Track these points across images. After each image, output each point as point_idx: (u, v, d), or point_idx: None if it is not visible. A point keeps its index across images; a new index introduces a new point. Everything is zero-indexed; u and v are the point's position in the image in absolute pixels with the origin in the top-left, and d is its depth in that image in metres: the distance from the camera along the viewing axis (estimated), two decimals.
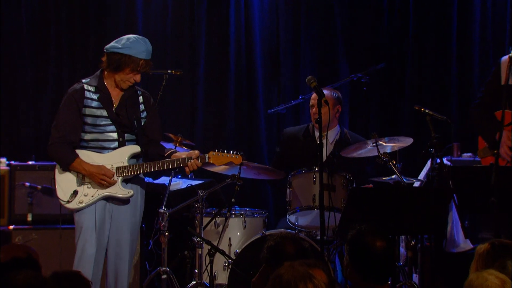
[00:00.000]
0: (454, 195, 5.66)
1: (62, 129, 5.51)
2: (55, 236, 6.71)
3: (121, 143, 5.56)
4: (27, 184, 6.89)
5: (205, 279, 6.11)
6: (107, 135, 5.54)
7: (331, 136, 6.72)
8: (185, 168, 5.54)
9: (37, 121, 7.79)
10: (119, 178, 5.51)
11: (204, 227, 6.18)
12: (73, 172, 5.52)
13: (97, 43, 6.26)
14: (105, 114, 5.52)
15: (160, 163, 5.50)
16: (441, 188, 5.91)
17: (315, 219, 6.09)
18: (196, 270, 6.20)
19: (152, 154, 5.63)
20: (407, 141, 6.28)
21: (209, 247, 5.91)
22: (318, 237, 5.85)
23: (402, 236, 6.48)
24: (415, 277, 6.47)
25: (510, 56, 5.69)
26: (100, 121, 5.52)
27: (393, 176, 6.13)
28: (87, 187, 5.50)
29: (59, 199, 5.53)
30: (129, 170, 5.51)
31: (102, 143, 5.54)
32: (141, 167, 5.52)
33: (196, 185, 6.79)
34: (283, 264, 3.22)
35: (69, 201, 5.49)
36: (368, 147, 6.24)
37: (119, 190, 5.51)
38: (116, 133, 5.55)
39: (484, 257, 3.96)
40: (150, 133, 5.67)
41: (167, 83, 6.66)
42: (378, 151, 6.08)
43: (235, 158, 5.66)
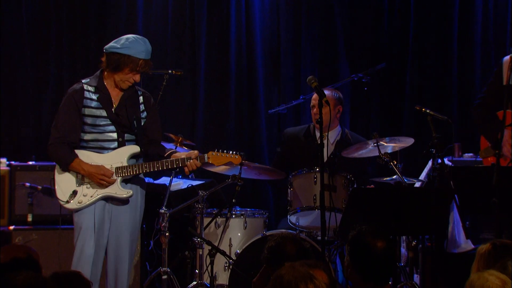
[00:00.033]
0: (455, 196, 5.65)
1: (62, 130, 5.50)
2: (56, 237, 6.70)
3: (121, 143, 5.55)
4: (28, 185, 6.88)
5: (206, 280, 6.11)
6: (107, 135, 5.53)
7: (332, 137, 6.71)
8: (184, 168, 5.53)
9: (38, 121, 7.79)
10: (119, 178, 5.49)
11: (205, 228, 6.18)
12: (72, 172, 5.51)
13: (98, 43, 6.25)
14: (105, 114, 5.51)
15: (160, 163, 5.49)
16: (442, 189, 5.90)
17: (316, 220, 6.08)
18: (197, 271, 6.20)
19: (152, 154, 5.62)
20: (408, 141, 6.27)
21: (210, 248, 5.91)
22: (319, 238, 5.84)
23: (403, 237, 6.47)
24: (416, 278, 6.46)
25: None
26: (100, 121, 5.51)
27: (394, 177, 6.11)
28: (86, 187, 5.49)
29: (58, 199, 5.52)
30: (128, 170, 5.50)
31: (102, 143, 5.53)
32: (140, 167, 5.51)
33: (197, 186, 6.78)
34: (284, 265, 3.22)
35: (68, 201, 5.48)
36: (369, 147, 6.23)
37: (118, 190, 5.50)
38: (116, 133, 5.54)
39: (486, 258, 3.96)
40: (150, 133, 5.66)
41: (168, 83, 6.67)
42: (379, 151, 6.08)
43: (235, 158, 5.65)
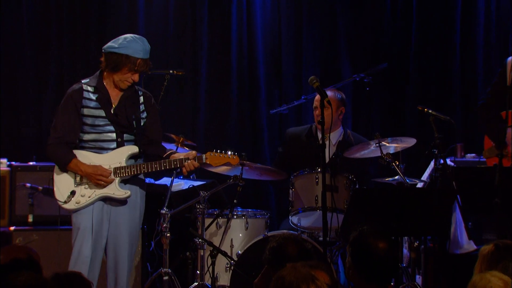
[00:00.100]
0: (458, 196, 5.64)
1: (60, 130, 5.49)
2: (56, 237, 6.69)
3: (120, 144, 5.53)
4: (28, 185, 6.87)
5: (207, 281, 6.10)
6: (106, 136, 5.52)
7: (334, 138, 6.69)
8: (182, 169, 5.50)
9: (38, 122, 7.78)
10: (117, 179, 5.47)
11: (206, 228, 6.17)
12: (71, 173, 5.50)
13: (98, 44, 6.23)
14: (103, 115, 5.50)
15: (158, 164, 5.47)
16: (445, 189, 5.90)
17: (318, 220, 6.06)
18: (198, 272, 6.19)
19: (152, 155, 5.60)
20: (410, 142, 6.25)
21: (211, 248, 5.89)
22: (321, 238, 5.84)
23: (405, 237, 6.46)
24: (418, 279, 6.45)
25: None
26: (99, 122, 5.50)
27: (396, 177, 6.10)
28: (85, 188, 5.47)
29: (57, 200, 5.51)
30: (127, 171, 5.48)
31: (101, 144, 5.51)
32: (139, 168, 5.48)
33: (198, 186, 6.76)
34: (286, 266, 3.20)
35: (66, 202, 5.47)
36: (371, 148, 6.22)
37: (116, 191, 5.48)
38: (115, 134, 5.52)
39: (488, 259, 3.94)
40: (150, 134, 5.64)
41: (169, 84, 6.67)
42: (381, 152, 6.07)
43: (232, 159, 5.62)
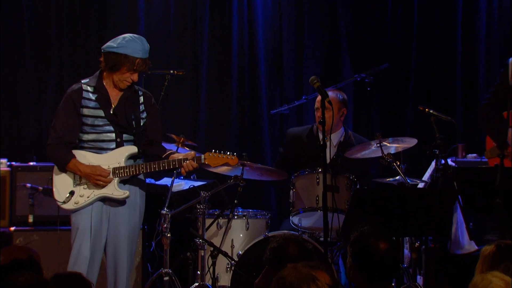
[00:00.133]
0: (459, 196, 5.63)
1: (60, 130, 5.48)
2: (56, 238, 6.68)
3: (119, 144, 5.51)
4: (28, 185, 6.87)
5: (208, 281, 6.09)
6: (105, 136, 5.50)
7: (335, 139, 6.68)
8: (181, 169, 5.49)
9: (38, 122, 7.77)
10: (116, 179, 5.46)
11: (207, 229, 6.17)
12: (70, 173, 5.48)
13: (99, 43, 6.22)
14: (102, 115, 5.49)
15: (156, 164, 5.45)
16: (446, 189, 5.89)
17: (319, 221, 6.06)
18: (199, 272, 6.18)
19: (151, 155, 5.59)
20: (411, 142, 6.24)
21: (212, 249, 5.88)
22: (322, 239, 5.82)
23: (406, 238, 6.45)
24: (419, 279, 6.44)
25: None
26: (98, 122, 5.49)
27: (397, 177, 6.09)
28: (83, 188, 5.46)
29: (56, 200, 5.50)
30: (126, 171, 5.46)
31: (101, 144, 5.50)
32: (137, 168, 5.47)
33: (199, 186, 6.75)
34: (286, 266, 3.20)
35: (65, 202, 5.46)
36: (372, 148, 6.21)
37: (115, 191, 5.46)
38: (114, 134, 5.51)
39: (490, 259, 3.93)
40: (150, 134, 5.62)
41: (170, 83, 6.65)
42: (382, 152, 6.06)
43: (231, 159, 5.60)
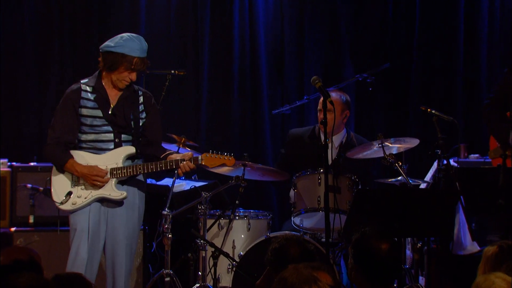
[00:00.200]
0: (461, 197, 5.62)
1: (58, 130, 5.47)
2: (57, 238, 6.67)
3: (118, 144, 5.49)
4: (29, 186, 6.86)
5: (209, 282, 6.08)
6: (104, 136, 5.48)
7: (337, 140, 6.67)
8: (178, 170, 5.45)
9: (39, 122, 7.76)
10: (113, 180, 5.44)
11: (208, 229, 6.16)
12: (68, 174, 5.47)
13: (100, 43, 6.19)
14: (101, 115, 5.47)
15: (154, 165, 5.43)
16: (448, 190, 5.89)
17: (320, 221, 6.04)
18: (200, 273, 6.17)
19: (150, 156, 5.56)
20: (413, 142, 6.24)
21: (213, 250, 5.88)
22: (323, 239, 5.82)
23: (409, 239, 6.44)
24: (422, 280, 6.43)
25: None
26: (97, 122, 5.47)
27: (399, 178, 6.08)
28: (81, 189, 5.45)
29: (54, 200, 5.49)
30: (123, 172, 5.44)
31: (99, 144, 5.48)
32: (135, 169, 5.44)
33: (200, 187, 6.75)
34: (288, 267, 3.18)
35: (63, 203, 5.45)
36: (374, 148, 6.20)
37: (112, 192, 5.44)
38: (112, 134, 5.49)
39: (492, 260, 3.93)
40: (150, 134, 5.59)
41: (171, 84, 6.65)
42: (384, 152, 6.05)
43: (228, 160, 5.57)
